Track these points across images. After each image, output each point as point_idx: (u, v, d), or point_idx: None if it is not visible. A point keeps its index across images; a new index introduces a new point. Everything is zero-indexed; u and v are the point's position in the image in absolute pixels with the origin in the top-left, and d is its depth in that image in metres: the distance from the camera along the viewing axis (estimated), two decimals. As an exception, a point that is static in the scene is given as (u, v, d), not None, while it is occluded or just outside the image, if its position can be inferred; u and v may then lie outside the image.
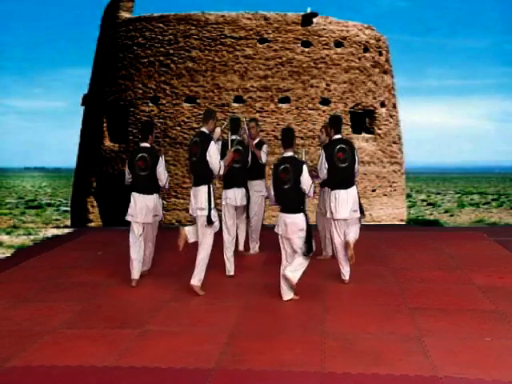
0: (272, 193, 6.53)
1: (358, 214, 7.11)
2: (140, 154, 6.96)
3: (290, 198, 6.31)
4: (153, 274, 7.58)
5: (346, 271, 7.03)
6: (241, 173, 7.85)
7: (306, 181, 6.28)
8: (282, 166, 6.32)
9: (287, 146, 6.43)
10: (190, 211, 6.79)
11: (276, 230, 6.48)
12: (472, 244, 9.52)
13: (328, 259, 8.13)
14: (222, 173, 6.69)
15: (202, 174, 6.63)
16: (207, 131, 6.71)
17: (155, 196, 7.07)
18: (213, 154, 6.54)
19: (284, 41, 16.44)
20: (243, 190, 7.90)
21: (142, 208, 7.00)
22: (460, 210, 37.77)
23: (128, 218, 7.12)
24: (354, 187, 7.16)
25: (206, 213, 6.52)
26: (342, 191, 7.04)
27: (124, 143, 16.99)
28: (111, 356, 4.76)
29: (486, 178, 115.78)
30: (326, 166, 7.05)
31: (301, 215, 6.30)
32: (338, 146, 7.05)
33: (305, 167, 6.34)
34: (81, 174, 18.56)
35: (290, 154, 6.40)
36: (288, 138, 6.46)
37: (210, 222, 6.53)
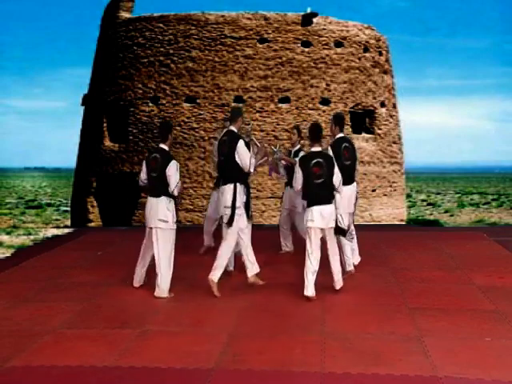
0: (299, 187, 6.56)
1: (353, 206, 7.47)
2: (153, 154, 6.71)
3: (323, 192, 6.44)
4: (153, 274, 7.57)
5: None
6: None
7: (337, 176, 6.50)
8: (315, 161, 6.44)
9: (315, 140, 6.59)
10: (219, 211, 6.83)
11: (310, 224, 6.46)
12: (472, 244, 9.52)
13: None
14: (252, 170, 6.62)
15: (229, 173, 6.64)
16: (236, 130, 6.76)
17: (163, 199, 6.58)
18: (242, 151, 6.53)
19: (284, 41, 16.44)
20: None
21: (149, 210, 6.70)
22: (460, 210, 37.77)
23: None
24: (355, 183, 7.45)
25: (230, 211, 6.56)
26: (347, 187, 7.23)
27: (124, 143, 16.98)
28: (111, 356, 4.76)
29: (486, 178, 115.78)
30: None
31: (333, 205, 6.51)
32: (343, 145, 7.25)
33: (335, 162, 6.56)
34: (81, 174, 18.56)
35: (318, 148, 6.56)
36: (316, 133, 6.64)
37: (230, 223, 6.53)
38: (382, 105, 18.16)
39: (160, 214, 6.54)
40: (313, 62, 16.62)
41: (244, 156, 6.52)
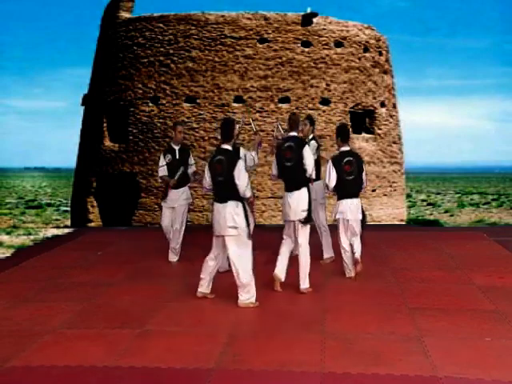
0: (333, 184, 7.06)
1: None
2: (217, 157, 6.19)
3: (353, 187, 7.13)
4: (153, 274, 7.58)
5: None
6: None
7: (364, 173, 7.21)
8: (346, 159, 7.07)
9: (344, 141, 7.22)
10: (286, 216, 6.75)
11: (340, 215, 7.12)
12: (472, 244, 9.53)
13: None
14: (314, 176, 6.86)
15: (300, 177, 6.68)
16: (298, 135, 6.92)
17: (230, 204, 6.13)
18: (307, 156, 6.63)
19: (284, 41, 16.44)
20: None
21: (217, 219, 6.20)
22: (460, 210, 37.78)
23: None
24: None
25: (305, 214, 6.64)
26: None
27: (124, 143, 16.98)
28: (111, 356, 4.76)
29: (486, 178, 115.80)
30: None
31: (359, 199, 7.24)
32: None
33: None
34: (81, 174, 18.55)
35: (347, 148, 7.20)
36: (345, 133, 7.30)
37: (308, 220, 6.70)
38: (382, 105, 18.16)
39: (229, 220, 6.09)
40: (313, 62, 16.62)
41: (309, 161, 6.65)
